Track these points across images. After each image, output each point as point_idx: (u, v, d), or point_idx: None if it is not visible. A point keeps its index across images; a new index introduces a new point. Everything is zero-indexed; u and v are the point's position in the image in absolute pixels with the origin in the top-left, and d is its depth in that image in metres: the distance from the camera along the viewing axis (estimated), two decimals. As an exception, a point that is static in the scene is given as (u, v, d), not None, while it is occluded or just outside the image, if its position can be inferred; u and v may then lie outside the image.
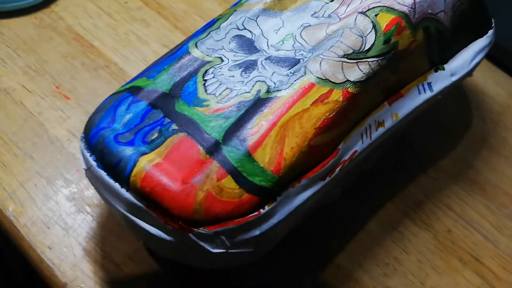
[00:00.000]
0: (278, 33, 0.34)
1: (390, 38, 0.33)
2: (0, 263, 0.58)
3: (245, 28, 0.35)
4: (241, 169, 0.28)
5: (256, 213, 0.29)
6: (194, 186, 0.28)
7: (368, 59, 0.32)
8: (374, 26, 0.33)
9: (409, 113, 0.36)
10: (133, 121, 0.31)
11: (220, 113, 0.30)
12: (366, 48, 0.32)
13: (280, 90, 0.31)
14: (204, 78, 0.32)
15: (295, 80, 0.31)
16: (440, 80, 0.38)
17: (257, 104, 0.30)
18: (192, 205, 0.27)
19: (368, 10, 0.33)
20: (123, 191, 0.29)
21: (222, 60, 0.33)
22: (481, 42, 0.41)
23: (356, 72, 0.32)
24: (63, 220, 0.38)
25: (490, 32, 0.42)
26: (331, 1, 0.35)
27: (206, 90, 0.31)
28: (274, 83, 0.31)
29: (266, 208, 0.29)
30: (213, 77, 0.32)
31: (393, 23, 0.33)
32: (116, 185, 0.29)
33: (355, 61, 0.32)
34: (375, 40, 0.32)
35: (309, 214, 0.37)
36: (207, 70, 0.32)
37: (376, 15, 0.33)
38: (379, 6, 0.33)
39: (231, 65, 0.33)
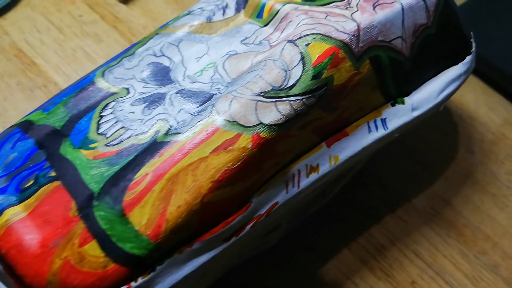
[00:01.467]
0: (200, 61, 0.30)
1: (321, 72, 0.28)
2: None
3: (163, 55, 0.30)
4: (110, 233, 0.24)
5: (125, 287, 0.24)
6: (52, 252, 0.24)
7: (290, 98, 0.27)
8: (302, 58, 0.28)
9: (355, 154, 0.31)
10: (16, 163, 0.27)
11: (106, 158, 0.26)
12: (289, 84, 0.27)
13: (179, 133, 0.26)
14: (101, 114, 0.28)
15: (198, 122, 0.26)
16: (398, 116, 0.33)
17: (150, 149, 0.26)
18: (46, 275, 0.23)
19: (299, 38, 0.29)
20: None
21: (129, 92, 0.29)
22: (455, 71, 0.36)
23: (273, 114, 0.27)
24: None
25: (468, 58, 0.36)
26: (265, 26, 0.31)
27: (98, 129, 0.27)
28: (178, 123, 0.27)
29: (139, 280, 0.25)
30: (111, 113, 0.28)
31: (327, 54, 0.28)
32: None
33: (273, 100, 0.27)
34: (301, 75, 0.28)
35: (234, 266, 0.32)
36: (108, 104, 0.28)
37: (307, 45, 0.28)
38: (312, 34, 0.29)
39: (135, 98, 0.28)
